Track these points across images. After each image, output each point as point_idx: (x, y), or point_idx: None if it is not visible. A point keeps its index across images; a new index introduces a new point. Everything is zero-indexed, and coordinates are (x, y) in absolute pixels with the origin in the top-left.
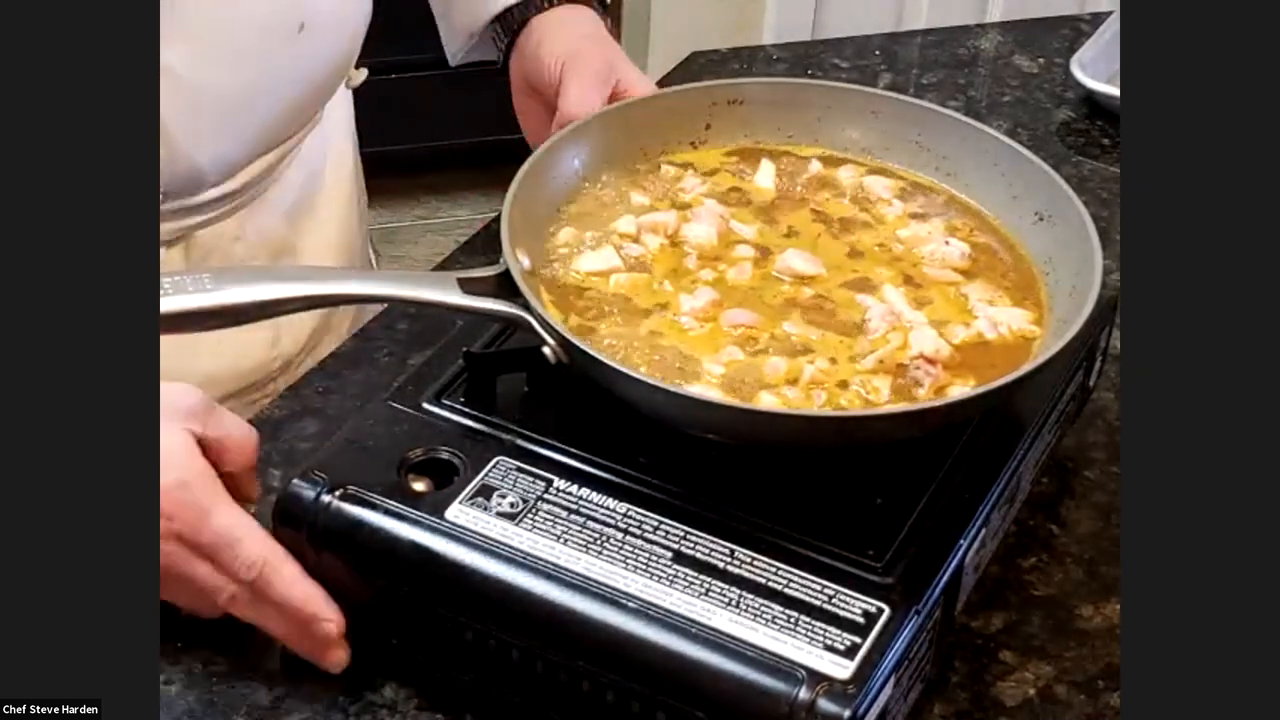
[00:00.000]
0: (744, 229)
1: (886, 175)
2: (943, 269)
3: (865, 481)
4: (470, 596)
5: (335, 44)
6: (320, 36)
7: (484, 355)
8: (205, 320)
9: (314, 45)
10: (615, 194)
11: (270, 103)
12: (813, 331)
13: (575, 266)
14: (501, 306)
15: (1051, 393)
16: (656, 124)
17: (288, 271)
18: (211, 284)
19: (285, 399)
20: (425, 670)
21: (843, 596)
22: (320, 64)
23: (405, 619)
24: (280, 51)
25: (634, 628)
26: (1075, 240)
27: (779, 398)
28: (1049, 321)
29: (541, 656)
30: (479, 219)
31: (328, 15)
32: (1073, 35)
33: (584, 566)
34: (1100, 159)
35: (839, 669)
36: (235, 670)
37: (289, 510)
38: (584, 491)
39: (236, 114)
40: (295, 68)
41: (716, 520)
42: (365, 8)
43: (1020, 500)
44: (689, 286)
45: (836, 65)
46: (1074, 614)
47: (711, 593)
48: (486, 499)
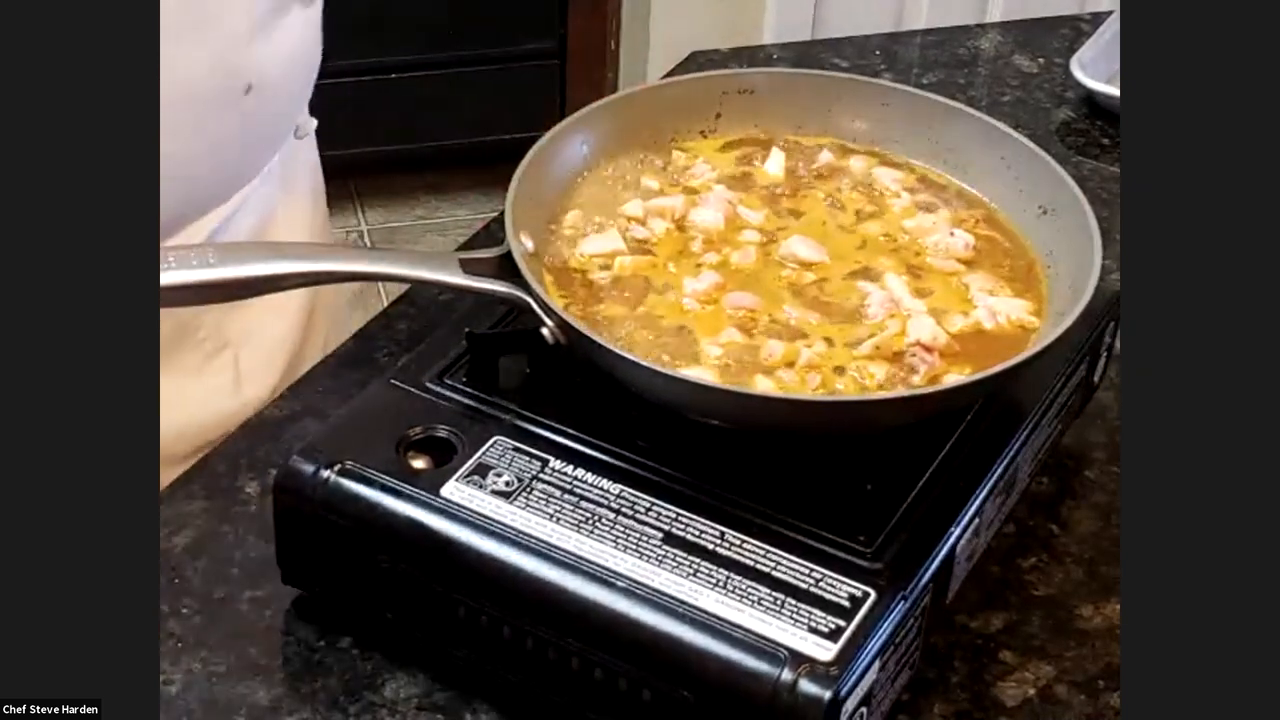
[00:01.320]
0: (751, 215)
1: (895, 167)
2: (946, 259)
3: (859, 467)
4: (462, 573)
5: (284, 99)
6: (268, 94)
7: (486, 336)
8: (206, 293)
9: (262, 103)
10: (623, 179)
11: (217, 163)
12: (812, 315)
13: (579, 249)
14: (501, 287)
15: (1050, 384)
16: (666, 112)
17: (290, 248)
18: (215, 259)
19: (285, 399)
20: (420, 648)
21: (830, 580)
22: (268, 120)
23: (399, 595)
24: (227, 113)
25: (622, 606)
26: (1077, 234)
27: (775, 381)
28: (1048, 313)
29: (531, 633)
30: (479, 219)
31: (276, 74)
32: (1073, 35)
33: (575, 545)
34: (1100, 159)
35: (822, 651)
36: (235, 670)
37: (287, 485)
38: (579, 472)
39: (183, 177)
40: (243, 127)
41: (709, 503)
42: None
43: (1018, 492)
44: (693, 270)
45: (836, 65)
46: (1074, 614)
47: (700, 574)
48: (482, 477)
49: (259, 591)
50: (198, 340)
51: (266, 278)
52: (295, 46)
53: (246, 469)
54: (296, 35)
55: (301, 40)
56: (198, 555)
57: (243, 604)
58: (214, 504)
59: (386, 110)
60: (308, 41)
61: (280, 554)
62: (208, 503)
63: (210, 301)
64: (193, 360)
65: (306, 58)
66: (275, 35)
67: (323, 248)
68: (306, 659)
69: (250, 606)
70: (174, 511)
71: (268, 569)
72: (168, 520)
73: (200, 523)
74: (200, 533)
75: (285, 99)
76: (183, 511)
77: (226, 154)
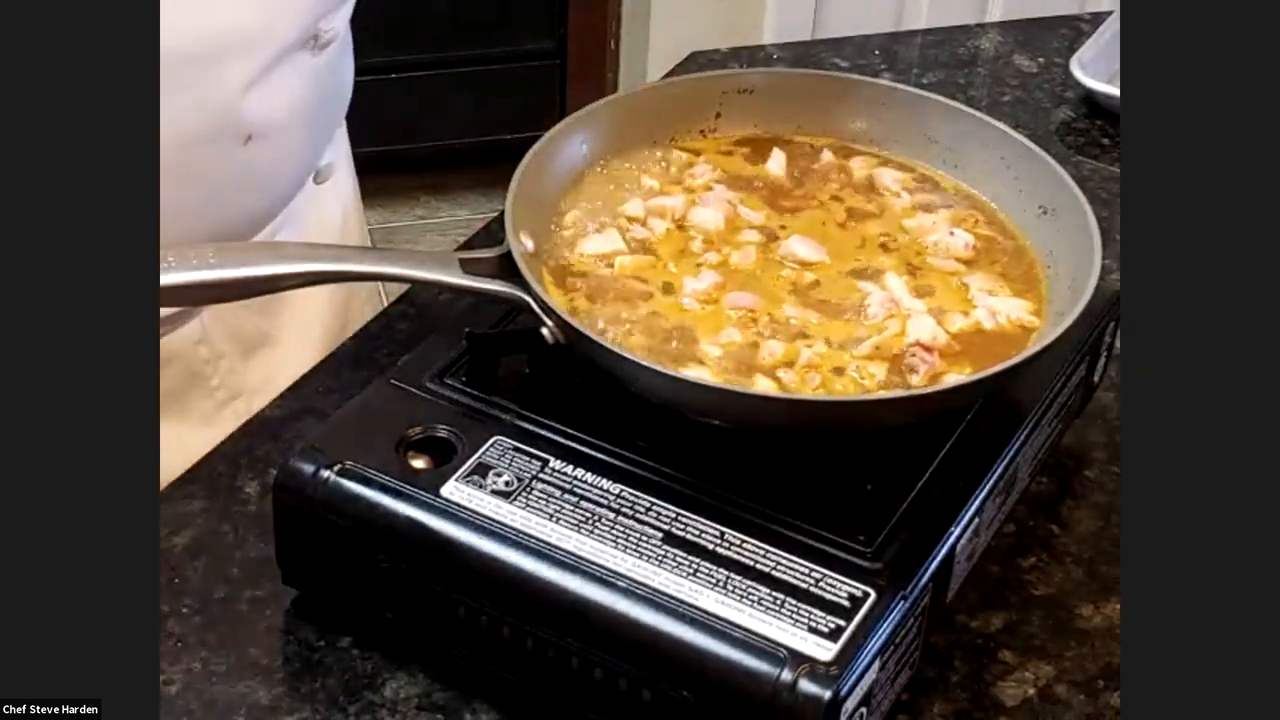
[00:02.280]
0: (751, 214)
1: (895, 166)
2: (946, 259)
3: (859, 467)
4: (462, 573)
5: (292, 148)
6: (272, 144)
7: (486, 336)
8: (206, 294)
9: (266, 153)
10: (623, 179)
11: (222, 212)
12: (812, 315)
13: (580, 249)
14: (501, 287)
15: (1050, 383)
16: (667, 111)
17: (290, 248)
18: (215, 259)
19: (285, 399)
20: (420, 647)
21: (830, 580)
22: (276, 170)
23: (399, 595)
24: (226, 163)
25: (622, 606)
26: (1077, 234)
27: (774, 381)
28: (1048, 313)
29: (531, 633)
30: (479, 219)
31: (277, 125)
32: (1073, 35)
33: (574, 545)
34: (1100, 159)
35: (822, 651)
36: (235, 670)
37: (287, 485)
38: (579, 472)
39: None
40: (246, 177)
41: (709, 503)
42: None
43: (1017, 492)
44: (693, 269)
45: (836, 65)
46: (1074, 614)
47: (700, 573)
48: (482, 477)
49: (259, 591)
50: (210, 389)
51: (266, 278)
52: (302, 95)
53: (246, 469)
54: (303, 83)
55: (311, 87)
56: (198, 555)
57: (243, 604)
58: (214, 504)
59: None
60: (322, 87)
61: (280, 554)
62: (208, 503)
63: (210, 302)
64: (205, 408)
65: (319, 104)
66: (275, 85)
67: (323, 248)
68: (306, 659)
69: (250, 606)
70: (174, 511)
71: (268, 569)
72: (168, 520)
73: (200, 523)
74: (200, 533)
75: (295, 147)
76: (183, 511)
77: (229, 202)
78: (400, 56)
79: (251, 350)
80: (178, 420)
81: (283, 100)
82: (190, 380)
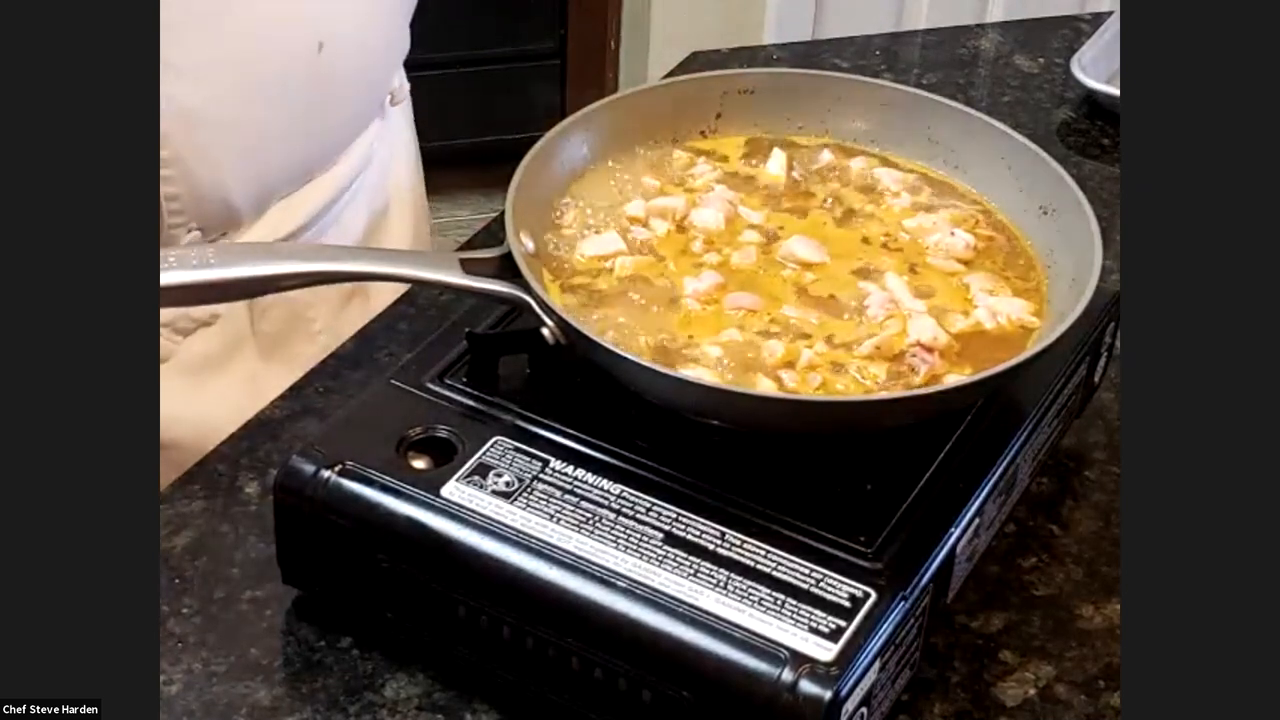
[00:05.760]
0: (752, 215)
1: (896, 167)
2: (947, 259)
3: (859, 467)
4: (462, 573)
5: (360, 62)
6: (342, 55)
7: (486, 336)
8: (206, 294)
9: (335, 65)
10: (624, 179)
11: (294, 129)
12: (812, 315)
13: (580, 249)
14: (502, 287)
15: (1050, 384)
16: (667, 112)
17: (289, 248)
18: (214, 259)
19: (285, 399)
20: (420, 647)
21: (830, 580)
22: (345, 85)
23: (399, 594)
24: (298, 75)
25: (622, 606)
26: (1077, 234)
27: (775, 381)
28: (1048, 313)
29: (531, 633)
30: (479, 219)
31: (348, 32)
32: (1073, 35)
33: (575, 545)
34: (1100, 159)
35: (822, 651)
36: (235, 670)
37: (287, 485)
38: (579, 472)
39: (259, 145)
40: (317, 91)
41: (709, 503)
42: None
43: (1018, 493)
44: (693, 270)
45: (837, 65)
46: (1074, 614)
47: (700, 574)
48: (483, 477)
49: (259, 591)
50: (312, 333)
51: (266, 278)
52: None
53: (246, 469)
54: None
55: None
56: (198, 555)
57: (243, 604)
58: (214, 504)
59: None
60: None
61: (280, 554)
62: (208, 503)
63: (210, 301)
64: (307, 353)
65: (387, 15)
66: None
67: (323, 248)
68: (306, 659)
69: (250, 606)
70: (174, 511)
71: (268, 569)
72: (168, 520)
73: (200, 523)
74: (200, 533)
75: (359, 61)
76: (183, 511)
77: (305, 115)
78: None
79: (348, 299)
80: (281, 364)
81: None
82: (293, 323)
